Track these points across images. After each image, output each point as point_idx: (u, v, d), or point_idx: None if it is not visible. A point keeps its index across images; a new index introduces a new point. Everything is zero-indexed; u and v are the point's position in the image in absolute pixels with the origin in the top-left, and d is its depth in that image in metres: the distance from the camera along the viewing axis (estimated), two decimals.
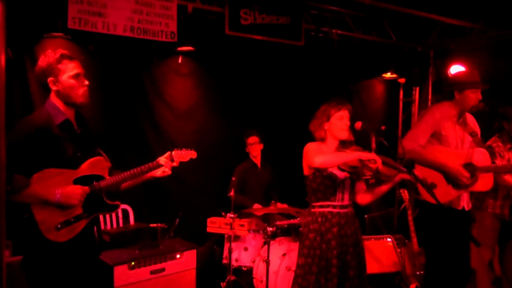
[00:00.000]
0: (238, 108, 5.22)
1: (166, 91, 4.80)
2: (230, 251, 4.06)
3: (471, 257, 3.59)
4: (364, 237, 4.00)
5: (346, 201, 2.94)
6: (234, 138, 5.09)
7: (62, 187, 2.26)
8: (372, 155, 2.67)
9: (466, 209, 3.46)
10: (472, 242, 3.09)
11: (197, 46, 4.57)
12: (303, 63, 5.51)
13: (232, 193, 4.11)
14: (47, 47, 3.94)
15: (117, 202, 2.50)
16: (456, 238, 3.34)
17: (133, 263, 3.41)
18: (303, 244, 2.93)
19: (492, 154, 3.72)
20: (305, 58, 5.44)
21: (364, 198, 3.02)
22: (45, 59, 2.35)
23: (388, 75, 6.13)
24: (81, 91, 2.38)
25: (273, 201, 4.33)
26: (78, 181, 2.34)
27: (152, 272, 3.52)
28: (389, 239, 4.61)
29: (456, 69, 5.48)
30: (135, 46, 4.36)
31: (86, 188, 2.35)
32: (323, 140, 2.97)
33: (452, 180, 3.27)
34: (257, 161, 4.98)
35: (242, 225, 4.09)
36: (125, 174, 2.48)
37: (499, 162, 3.71)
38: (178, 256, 3.69)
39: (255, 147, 4.94)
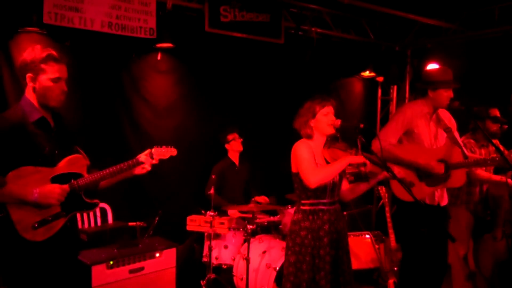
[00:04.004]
0: (218, 105, 5.19)
1: (145, 88, 4.75)
2: (210, 249, 4.05)
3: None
4: None
5: (335, 197, 2.96)
6: (214, 135, 5.06)
7: (39, 185, 2.22)
8: (361, 158, 2.73)
9: (442, 205, 3.51)
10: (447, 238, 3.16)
11: (177, 43, 4.54)
12: (283, 61, 5.52)
13: (211, 191, 4.09)
14: (22, 42, 3.85)
15: (96, 200, 2.47)
16: (433, 234, 3.37)
17: (111, 262, 3.36)
18: (294, 242, 2.89)
19: None
20: (285, 56, 5.46)
21: (347, 194, 3.05)
22: (32, 53, 2.29)
23: (366, 73, 6.21)
24: (55, 95, 2.32)
25: (253, 198, 4.33)
26: (56, 179, 2.29)
27: (131, 271, 3.48)
28: (367, 236, 4.67)
29: (431, 67, 5.57)
30: (113, 43, 4.29)
31: (66, 186, 2.30)
32: (309, 137, 2.93)
33: (425, 175, 3.28)
34: (236, 159, 4.96)
35: (222, 223, 4.08)
36: (104, 172, 2.45)
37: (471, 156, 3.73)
38: (157, 254, 3.65)
39: (236, 143, 4.88)
